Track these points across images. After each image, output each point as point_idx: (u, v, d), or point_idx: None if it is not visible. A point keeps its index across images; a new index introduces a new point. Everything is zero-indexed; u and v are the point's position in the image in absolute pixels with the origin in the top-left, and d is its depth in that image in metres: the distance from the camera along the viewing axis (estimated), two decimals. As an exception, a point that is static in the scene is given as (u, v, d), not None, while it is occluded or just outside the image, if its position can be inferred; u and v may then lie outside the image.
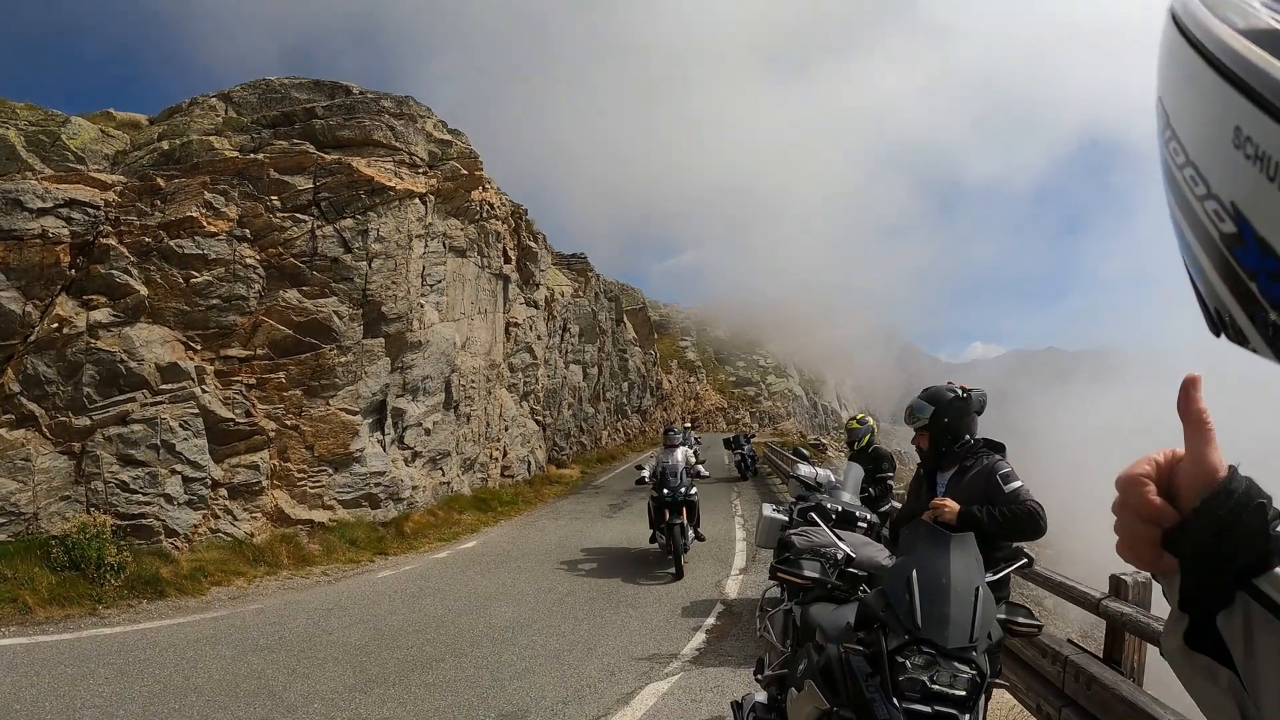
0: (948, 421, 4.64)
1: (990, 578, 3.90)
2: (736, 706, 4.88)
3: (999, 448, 4.61)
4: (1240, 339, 0.71)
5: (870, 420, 9.75)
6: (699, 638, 8.55)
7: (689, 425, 19.07)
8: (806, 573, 4.01)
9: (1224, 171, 0.67)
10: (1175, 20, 0.78)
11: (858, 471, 7.95)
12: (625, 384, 41.60)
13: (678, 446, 13.36)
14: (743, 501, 20.76)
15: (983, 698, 3.23)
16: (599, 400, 35.20)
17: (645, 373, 47.31)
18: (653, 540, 13.06)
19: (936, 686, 3.09)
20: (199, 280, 12.51)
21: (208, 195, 12.95)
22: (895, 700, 3.08)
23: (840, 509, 6.16)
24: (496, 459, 21.25)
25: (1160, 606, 5.24)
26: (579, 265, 35.90)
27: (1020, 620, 3.64)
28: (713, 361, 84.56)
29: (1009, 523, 4.24)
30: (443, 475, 17.25)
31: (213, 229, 12.78)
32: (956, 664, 3.11)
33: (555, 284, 29.13)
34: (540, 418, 25.73)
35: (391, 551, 13.54)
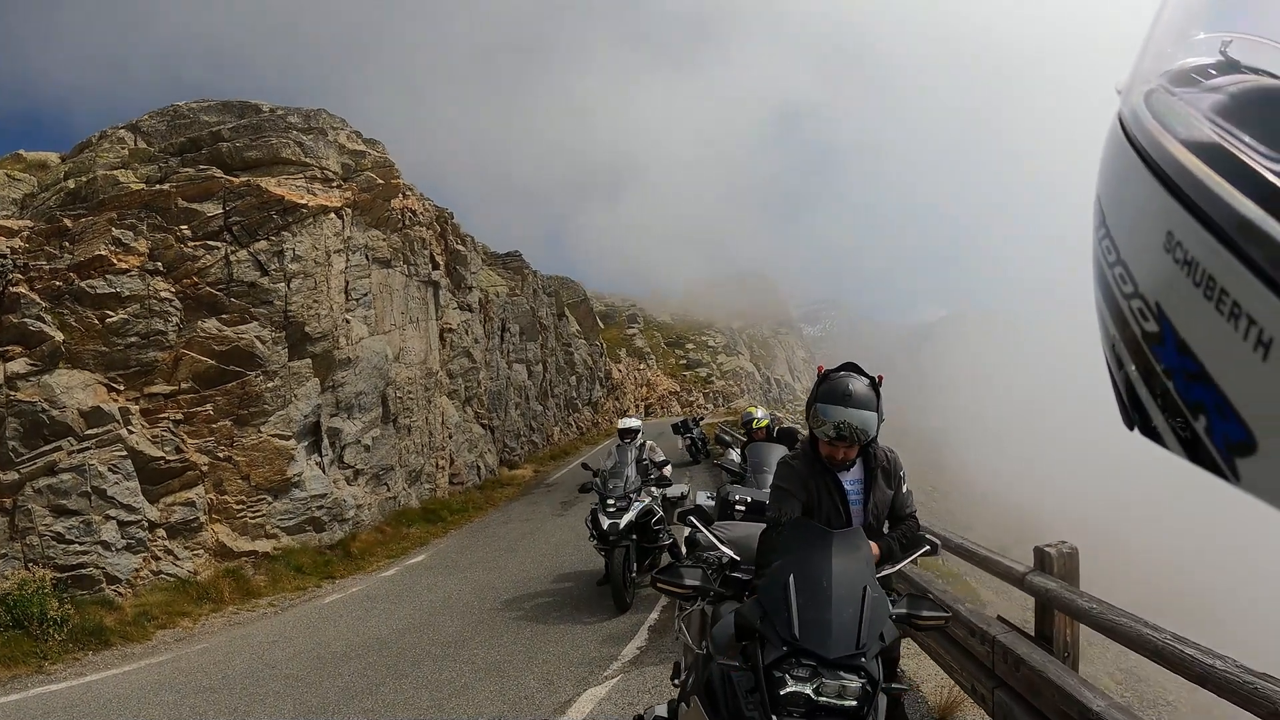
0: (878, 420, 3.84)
1: (890, 569, 3.75)
2: None
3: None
4: (1154, 435, 0.75)
5: (759, 411, 10.86)
6: (641, 636, 8.64)
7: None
8: (687, 582, 3.66)
9: (1152, 272, 0.71)
10: (1122, 124, 0.83)
11: (780, 454, 8.08)
12: (573, 378, 41.49)
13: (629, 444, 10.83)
14: (693, 487, 20.83)
15: (880, 703, 3.03)
16: (547, 397, 35.08)
17: (593, 364, 47.22)
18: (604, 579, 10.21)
19: (823, 699, 2.89)
20: (115, 319, 12.26)
21: (116, 231, 12.67)
22: (776, 718, 2.87)
23: (750, 500, 6.14)
24: (443, 468, 21.13)
25: (1089, 582, 5.00)
26: (514, 264, 35.58)
27: (925, 614, 3.35)
28: (661, 347, 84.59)
29: (907, 548, 3.96)
30: (388, 490, 17.14)
31: (124, 265, 12.52)
32: (843, 674, 2.91)
33: (489, 285, 28.92)
34: (486, 421, 25.61)
35: (339, 574, 13.43)
